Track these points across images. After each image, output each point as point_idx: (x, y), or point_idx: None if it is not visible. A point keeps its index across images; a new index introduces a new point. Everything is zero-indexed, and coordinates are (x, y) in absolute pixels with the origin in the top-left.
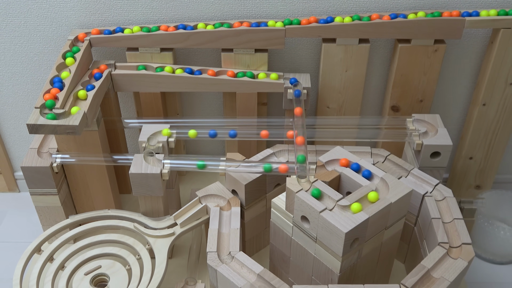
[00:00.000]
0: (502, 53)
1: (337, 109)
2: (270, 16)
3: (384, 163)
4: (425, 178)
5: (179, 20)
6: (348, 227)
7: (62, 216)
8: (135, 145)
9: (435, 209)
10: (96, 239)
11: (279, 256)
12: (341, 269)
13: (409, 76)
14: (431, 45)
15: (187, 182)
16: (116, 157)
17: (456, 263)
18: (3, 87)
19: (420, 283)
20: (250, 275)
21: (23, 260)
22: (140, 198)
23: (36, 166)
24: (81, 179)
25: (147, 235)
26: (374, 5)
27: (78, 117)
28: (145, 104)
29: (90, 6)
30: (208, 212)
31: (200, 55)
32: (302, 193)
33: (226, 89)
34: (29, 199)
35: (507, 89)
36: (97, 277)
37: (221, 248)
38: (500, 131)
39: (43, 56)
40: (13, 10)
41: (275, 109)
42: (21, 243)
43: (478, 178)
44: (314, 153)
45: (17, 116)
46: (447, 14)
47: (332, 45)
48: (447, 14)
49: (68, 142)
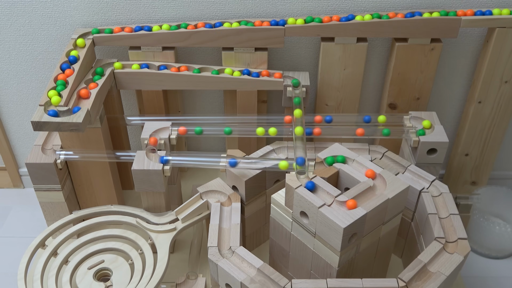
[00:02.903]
0: (497, 52)
1: (335, 106)
2: (270, 15)
3: (381, 159)
4: (422, 174)
5: (180, 19)
6: (346, 222)
7: (66, 211)
8: (137, 142)
9: (431, 204)
10: (99, 234)
11: (279, 251)
12: (339, 263)
13: (406, 74)
14: (427, 44)
15: (188, 178)
16: (119, 153)
17: (452, 257)
18: (8, 85)
19: (417, 277)
20: (250, 269)
21: (28, 255)
22: (142, 194)
23: (40, 162)
24: (84, 175)
25: (149, 230)
26: (373, 5)
27: (82, 114)
28: (147, 101)
29: (93, 6)
30: (209, 208)
31: (201, 53)
32: (301, 189)
33: (226, 87)
34: (34, 195)
35: (502, 87)
36: (100, 272)
37: (221, 243)
38: (495, 128)
39: (47, 54)
40: (17, 10)
41: (275, 107)
42: (26, 238)
43: (474, 174)
44: (313, 149)
45: (21, 114)
46: (462, 13)
47: (330, 44)
48: (461, 14)
49: (71, 139)
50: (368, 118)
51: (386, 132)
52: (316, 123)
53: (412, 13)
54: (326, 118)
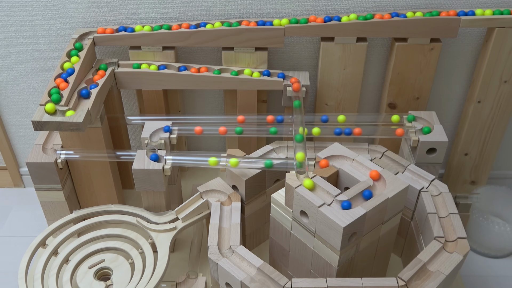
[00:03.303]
0: (496, 52)
1: (335, 106)
2: (270, 15)
3: (381, 159)
4: (421, 173)
5: (180, 19)
6: (346, 221)
7: (66, 211)
8: (137, 142)
9: (431, 204)
10: (100, 233)
11: (279, 250)
12: (339, 262)
13: (405, 74)
14: (427, 43)
15: (188, 177)
16: (119, 153)
17: (452, 256)
18: (9, 85)
19: (417, 276)
20: (250, 268)
21: (28, 254)
22: (143, 193)
23: (41, 162)
24: (85, 175)
25: (149, 229)
26: (373, 5)
27: (82, 114)
28: (148, 101)
29: (94, 6)
30: (209, 207)
31: (201, 53)
32: (301, 189)
33: (226, 86)
34: (34, 194)
35: (501, 87)
36: (100, 271)
37: (222, 242)
38: (494, 128)
39: (47, 54)
40: (18, 10)
41: (275, 106)
42: (26, 237)
43: (473, 173)
44: (313, 149)
45: (22, 113)
46: (445, 14)
47: (330, 43)
48: (444, 14)
49: (72, 139)
50: (281, 118)
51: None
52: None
53: (398, 13)
54: (322, 118)
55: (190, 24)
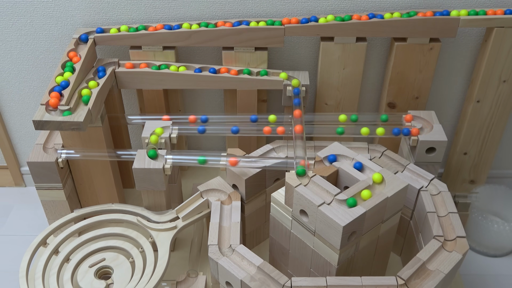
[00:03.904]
0: (495, 51)
1: (335, 105)
2: (270, 15)
3: (380, 158)
4: (421, 173)
5: (180, 19)
6: (345, 220)
7: (67, 210)
8: (138, 141)
9: (430, 203)
10: (100, 232)
11: (279, 249)
12: (338, 261)
13: (405, 74)
14: (426, 43)
15: (189, 177)
16: (120, 152)
17: (451, 255)
18: (10, 85)
19: (416, 275)
20: (250, 267)
21: (29, 253)
22: (143, 192)
23: (42, 161)
24: (85, 174)
25: (150, 228)
26: (373, 5)
27: (83, 113)
28: (148, 101)
29: (94, 6)
30: (209, 206)
31: (201, 53)
32: (301, 188)
33: (226, 86)
34: (35, 193)
35: (500, 87)
36: (101, 270)
37: (222, 241)
38: (493, 127)
39: (48, 54)
40: (19, 10)
41: (275, 106)
42: (27, 236)
43: (472, 173)
44: (313, 148)
45: (23, 113)
46: (421, 14)
47: (330, 43)
48: (421, 15)
49: (73, 138)
50: (255, 118)
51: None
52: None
53: (375, 14)
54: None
55: (164, 25)
